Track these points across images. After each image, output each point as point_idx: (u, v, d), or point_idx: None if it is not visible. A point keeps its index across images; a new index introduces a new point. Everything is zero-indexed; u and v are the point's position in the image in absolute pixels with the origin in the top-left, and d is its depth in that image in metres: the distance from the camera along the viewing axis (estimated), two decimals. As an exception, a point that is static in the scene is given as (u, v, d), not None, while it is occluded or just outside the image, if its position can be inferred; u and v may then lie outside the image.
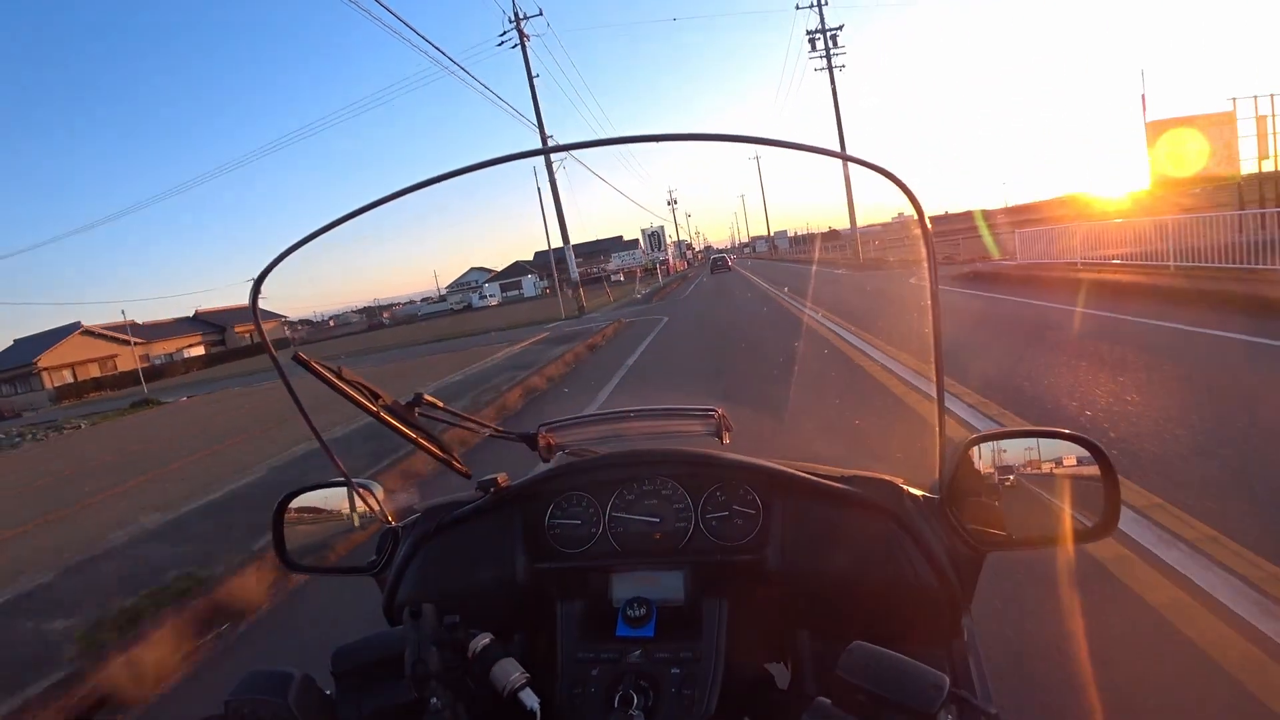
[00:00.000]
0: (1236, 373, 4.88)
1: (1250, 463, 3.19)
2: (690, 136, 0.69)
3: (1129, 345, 6.04)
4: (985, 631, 0.92)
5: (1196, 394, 4.42)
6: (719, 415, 1.13)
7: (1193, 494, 2.88)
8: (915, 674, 0.56)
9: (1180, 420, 3.85)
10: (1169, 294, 8.39)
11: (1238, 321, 6.34)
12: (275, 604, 3.55)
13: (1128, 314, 7.62)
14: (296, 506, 1.08)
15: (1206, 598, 2.16)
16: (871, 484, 0.93)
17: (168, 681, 2.95)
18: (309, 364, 0.81)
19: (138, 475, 8.07)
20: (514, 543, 0.99)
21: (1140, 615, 2.16)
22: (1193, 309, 7.32)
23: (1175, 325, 6.60)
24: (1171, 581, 2.29)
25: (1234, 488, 2.94)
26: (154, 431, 13.83)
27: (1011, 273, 13.64)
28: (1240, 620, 2.03)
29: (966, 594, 0.87)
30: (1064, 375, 5.34)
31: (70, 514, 6.52)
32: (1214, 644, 1.96)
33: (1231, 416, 3.91)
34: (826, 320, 10.73)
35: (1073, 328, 7.48)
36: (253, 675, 0.70)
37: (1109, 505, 0.82)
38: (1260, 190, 12.20)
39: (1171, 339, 6.18)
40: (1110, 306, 8.28)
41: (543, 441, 1.18)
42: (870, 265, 26.04)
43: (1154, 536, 2.58)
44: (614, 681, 0.80)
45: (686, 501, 0.98)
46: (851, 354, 7.64)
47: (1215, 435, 3.60)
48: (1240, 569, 2.28)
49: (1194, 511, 2.72)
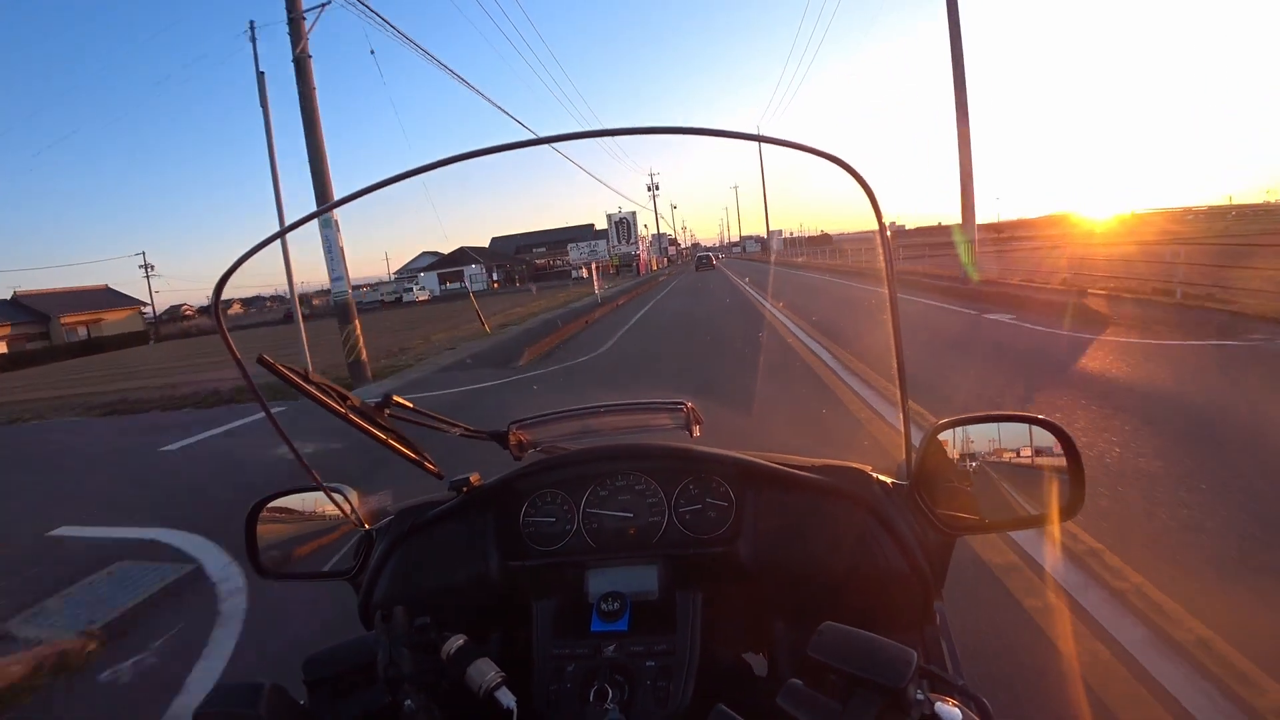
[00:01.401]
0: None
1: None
2: (657, 130, 0.70)
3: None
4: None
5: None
6: (689, 409, 1.14)
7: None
8: (884, 650, 0.57)
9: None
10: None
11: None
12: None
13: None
14: (270, 510, 1.05)
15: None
16: (842, 473, 0.94)
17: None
18: (274, 366, 0.79)
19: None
20: (488, 542, 0.99)
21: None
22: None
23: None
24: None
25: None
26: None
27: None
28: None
29: (938, 578, 0.89)
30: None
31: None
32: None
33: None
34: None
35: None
36: (221, 688, 0.68)
37: (1074, 486, 0.84)
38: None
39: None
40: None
41: (514, 440, 1.17)
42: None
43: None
44: (589, 676, 0.80)
45: (659, 495, 0.98)
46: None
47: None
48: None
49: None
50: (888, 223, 0.73)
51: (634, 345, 10.90)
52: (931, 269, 17.78)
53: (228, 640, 2.76)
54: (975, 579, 2.45)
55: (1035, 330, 7.76)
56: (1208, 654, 1.93)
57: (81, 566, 3.60)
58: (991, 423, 0.89)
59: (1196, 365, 5.52)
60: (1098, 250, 12.93)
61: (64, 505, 5.01)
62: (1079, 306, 8.51)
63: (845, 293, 16.42)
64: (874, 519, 0.88)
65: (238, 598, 3.11)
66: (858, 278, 20.71)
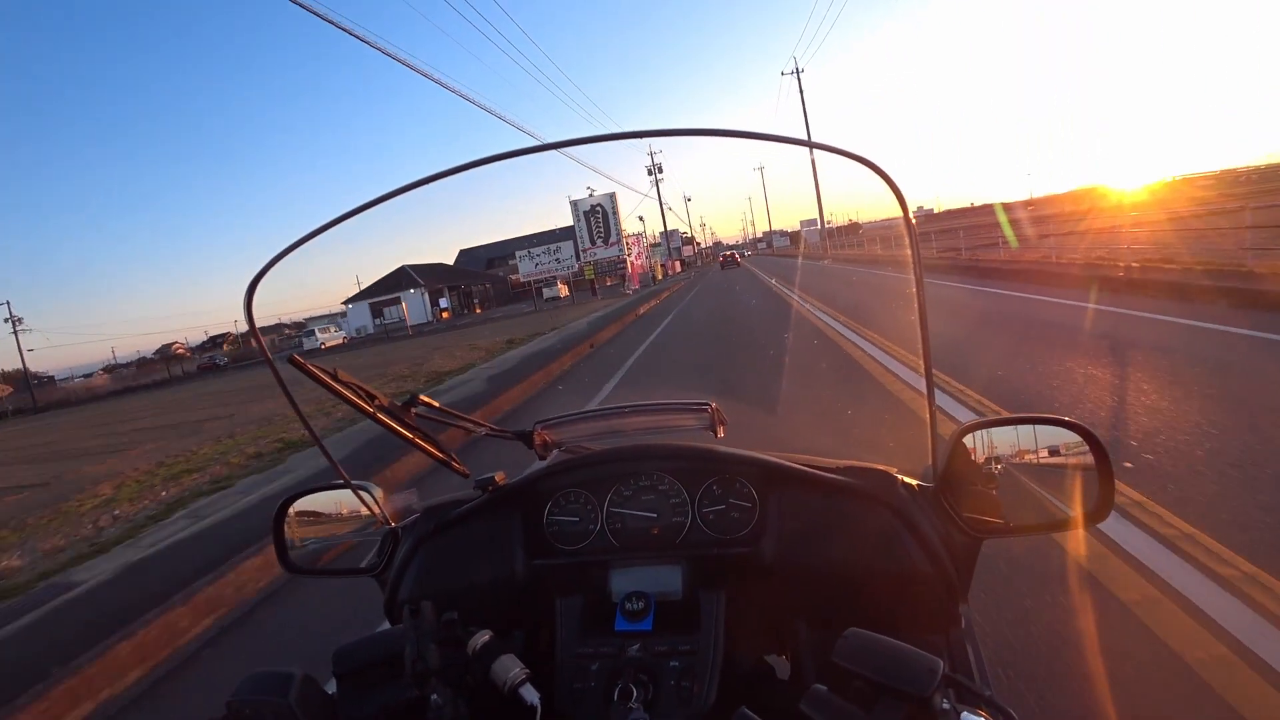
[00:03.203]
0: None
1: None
2: (666, 132, 0.70)
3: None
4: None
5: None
6: (713, 409, 1.14)
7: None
8: (910, 658, 0.57)
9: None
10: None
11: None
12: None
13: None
14: (297, 510, 1.08)
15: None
16: (866, 474, 0.93)
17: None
18: (304, 366, 0.82)
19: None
20: (513, 540, 1.00)
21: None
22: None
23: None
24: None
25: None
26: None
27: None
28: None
29: (963, 582, 0.88)
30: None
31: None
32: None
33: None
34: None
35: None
36: (254, 676, 0.70)
37: (1103, 490, 0.82)
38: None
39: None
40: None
41: (539, 439, 1.18)
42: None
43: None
44: (613, 676, 0.80)
45: (683, 496, 0.99)
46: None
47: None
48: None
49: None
50: (914, 208, 0.72)
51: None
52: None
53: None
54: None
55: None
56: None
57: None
58: (1017, 424, 0.88)
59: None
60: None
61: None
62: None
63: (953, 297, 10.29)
64: (899, 521, 0.88)
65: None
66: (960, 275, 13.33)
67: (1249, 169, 11.18)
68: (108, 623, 3.05)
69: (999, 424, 0.87)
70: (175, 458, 8.63)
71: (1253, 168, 11.46)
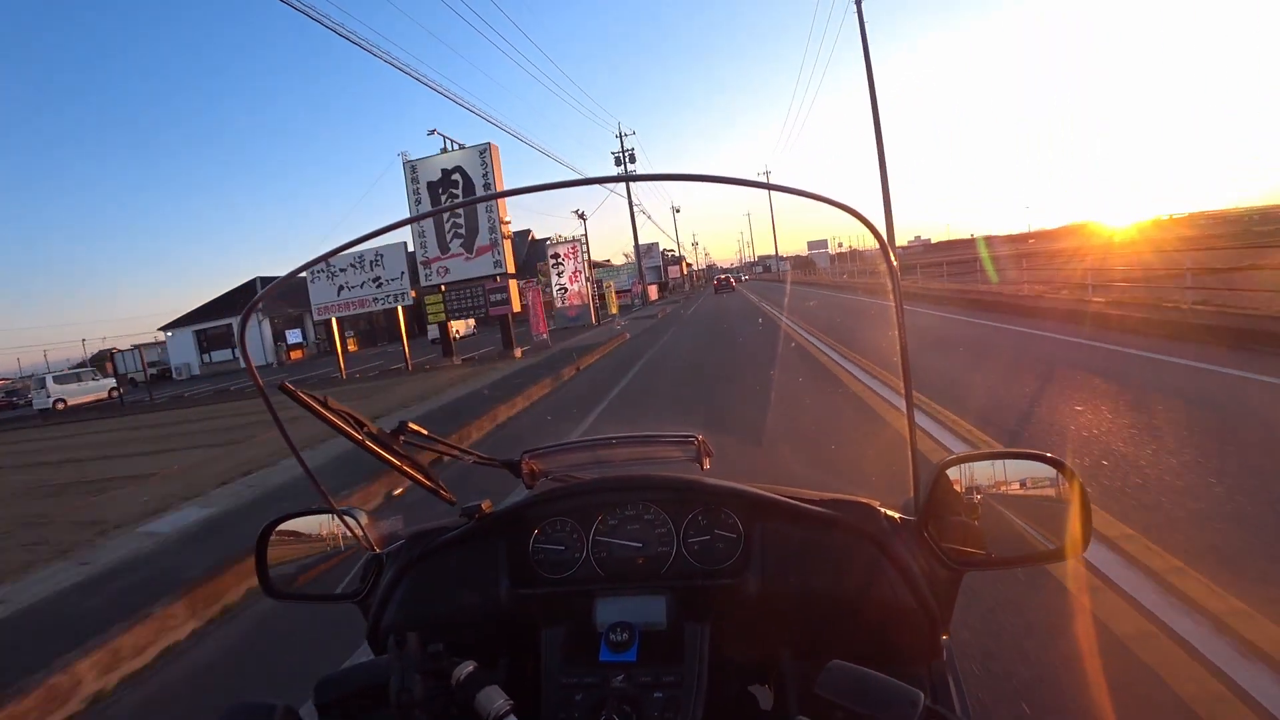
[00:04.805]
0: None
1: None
2: (670, 177, 0.73)
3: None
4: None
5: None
6: (699, 441, 1.15)
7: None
8: (892, 690, 0.58)
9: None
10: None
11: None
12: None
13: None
14: (280, 533, 1.07)
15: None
16: (850, 507, 0.95)
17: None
18: (294, 393, 0.82)
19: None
20: (498, 568, 1.00)
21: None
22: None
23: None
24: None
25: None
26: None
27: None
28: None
29: (945, 614, 0.89)
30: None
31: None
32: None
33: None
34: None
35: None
36: (235, 708, 0.69)
37: (1082, 523, 0.84)
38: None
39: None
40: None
41: (526, 468, 1.19)
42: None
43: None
44: (597, 706, 0.80)
45: (669, 526, 0.99)
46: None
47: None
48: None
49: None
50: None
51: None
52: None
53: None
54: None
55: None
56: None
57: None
58: (999, 459, 0.90)
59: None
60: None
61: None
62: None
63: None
64: (881, 553, 0.89)
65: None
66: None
67: (1246, 210, 12.13)
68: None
69: (981, 458, 0.90)
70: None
71: (1252, 209, 12.18)
